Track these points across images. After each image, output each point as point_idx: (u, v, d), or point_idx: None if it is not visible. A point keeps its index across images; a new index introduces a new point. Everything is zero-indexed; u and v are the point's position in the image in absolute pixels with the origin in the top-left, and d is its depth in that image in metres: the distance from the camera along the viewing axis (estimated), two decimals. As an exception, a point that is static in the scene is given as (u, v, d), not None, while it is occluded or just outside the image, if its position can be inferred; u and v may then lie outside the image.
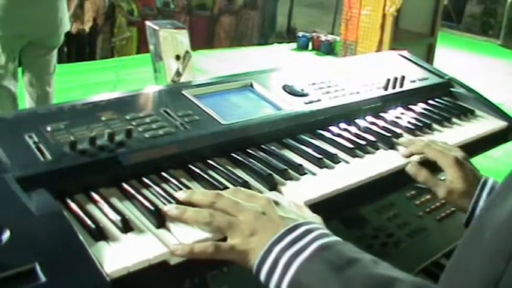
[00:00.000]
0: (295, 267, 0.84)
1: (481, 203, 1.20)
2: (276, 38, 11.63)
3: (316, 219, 0.98)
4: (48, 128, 1.13)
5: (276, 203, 0.98)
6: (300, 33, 8.84)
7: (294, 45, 8.80)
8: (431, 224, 1.54)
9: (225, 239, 0.94)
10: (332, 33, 9.59)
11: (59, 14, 3.53)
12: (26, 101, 3.74)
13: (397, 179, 1.32)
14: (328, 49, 8.19)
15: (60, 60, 8.20)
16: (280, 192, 1.13)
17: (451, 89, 1.87)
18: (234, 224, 0.92)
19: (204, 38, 9.75)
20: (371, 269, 0.80)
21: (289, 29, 12.72)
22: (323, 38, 8.46)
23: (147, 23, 1.62)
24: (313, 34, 8.71)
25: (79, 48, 9.41)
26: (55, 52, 3.86)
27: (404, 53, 2.05)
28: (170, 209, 0.98)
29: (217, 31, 10.97)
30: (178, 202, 1.01)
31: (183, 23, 10.12)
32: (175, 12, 10.45)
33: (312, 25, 11.55)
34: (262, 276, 0.88)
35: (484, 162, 2.11)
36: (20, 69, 3.77)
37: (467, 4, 14.33)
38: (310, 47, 8.56)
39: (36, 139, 1.09)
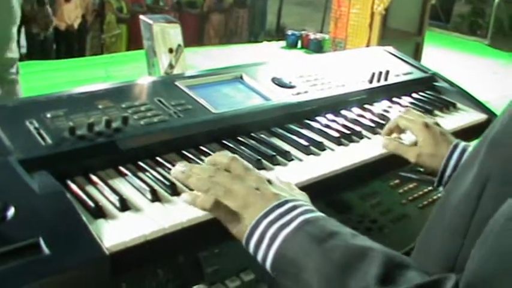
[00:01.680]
0: (280, 240, 0.89)
1: (452, 163, 1.27)
2: (265, 36, 11.67)
3: (303, 197, 1.04)
4: (48, 115, 1.18)
5: (269, 181, 1.03)
6: (290, 32, 8.89)
7: (283, 43, 8.84)
8: (413, 211, 1.60)
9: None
10: (321, 32, 9.65)
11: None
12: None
13: (380, 166, 1.39)
14: (317, 47, 8.23)
15: (49, 57, 8.26)
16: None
17: (435, 83, 1.94)
18: (230, 193, 0.97)
19: (193, 35, 9.78)
20: (349, 241, 0.85)
21: (278, 27, 12.76)
22: (312, 36, 8.51)
23: (141, 17, 1.67)
24: (303, 32, 8.76)
25: (68, 45, 9.41)
26: None
27: (390, 48, 2.12)
28: (176, 172, 1.04)
29: (206, 29, 11.01)
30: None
31: (173, 20, 10.15)
32: (165, 10, 10.49)
33: (302, 23, 11.61)
34: (251, 248, 0.93)
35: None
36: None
37: (455, 4, 14.42)
38: (299, 45, 8.60)
39: (36, 125, 1.15)
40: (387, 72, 1.81)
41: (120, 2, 9.74)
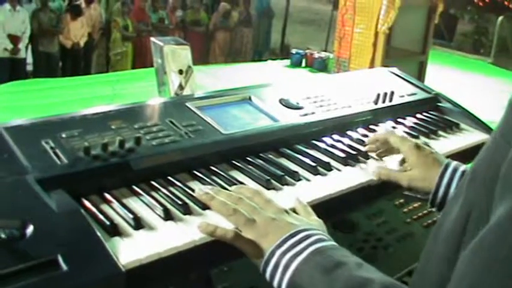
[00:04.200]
0: (292, 269, 0.94)
1: (444, 184, 1.28)
2: (270, 55, 11.74)
3: (318, 224, 1.09)
4: (63, 135, 1.22)
5: (287, 211, 1.09)
6: (294, 50, 8.90)
7: (287, 62, 8.86)
8: (418, 230, 1.63)
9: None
10: (325, 50, 9.69)
11: None
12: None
13: (386, 186, 1.42)
14: (322, 66, 8.25)
15: (55, 75, 8.33)
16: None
17: (438, 104, 1.97)
18: (250, 224, 1.03)
19: (198, 54, 9.85)
20: (353, 271, 0.90)
21: (283, 46, 12.85)
22: (316, 55, 8.52)
23: (152, 39, 1.71)
24: (307, 51, 8.80)
25: (74, 63, 9.49)
26: None
27: (394, 69, 2.16)
28: (200, 193, 1.11)
29: (212, 47, 11.09)
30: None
31: (178, 38, 10.22)
32: (170, 29, 10.57)
33: (306, 42, 11.70)
34: (267, 275, 0.98)
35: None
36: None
37: (458, 22, 14.50)
38: (303, 64, 8.62)
39: (52, 145, 1.19)
40: (392, 93, 1.84)
41: (126, 20, 9.82)
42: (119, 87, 6.52)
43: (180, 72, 1.71)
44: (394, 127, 1.73)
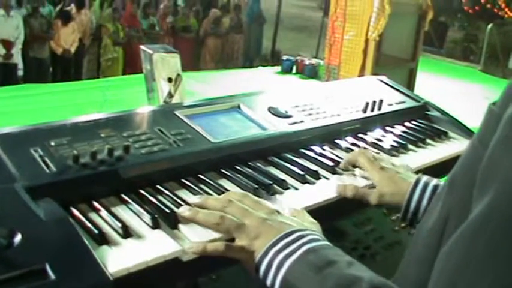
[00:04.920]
0: (285, 268, 0.95)
1: (415, 199, 1.28)
2: (260, 61, 11.76)
3: (313, 225, 1.10)
4: (52, 143, 1.22)
5: (278, 211, 1.10)
6: (285, 57, 8.94)
7: (278, 68, 8.89)
8: (405, 238, 1.64)
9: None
10: (316, 57, 9.73)
11: None
12: None
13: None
14: (312, 73, 8.28)
15: (45, 80, 8.31)
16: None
17: (427, 112, 1.99)
18: (241, 227, 1.04)
19: (189, 60, 9.86)
20: (343, 270, 0.91)
21: (273, 52, 12.89)
22: (307, 61, 8.56)
23: (142, 47, 1.72)
24: (298, 58, 8.83)
25: (64, 69, 9.48)
26: None
27: (383, 78, 2.17)
28: (184, 210, 1.11)
29: (203, 53, 11.11)
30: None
31: (168, 45, 10.24)
32: (160, 35, 10.58)
33: (297, 48, 11.73)
34: (261, 274, 0.99)
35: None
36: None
37: (449, 30, 14.58)
38: (294, 70, 8.66)
39: (41, 153, 1.19)
40: (381, 102, 1.86)
41: (117, 26, 9.82)
42: (109, 93, 6.51)
43: (170, 80, 1.72)
44: (383, 135, 1.74)
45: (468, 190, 0.76)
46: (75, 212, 1.09)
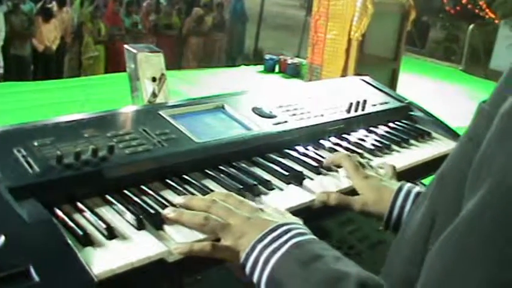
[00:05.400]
0: (271, 264, 0.95)
1: (398, 205, 1.28)
2: (243, 60, 11.75)
3: (296, 220, 1.10)
4: (35, 143, 1.21)
5: (262, 209, 1.10)
6: (267, 56, 8.95)
7: (261, 67, 8.90)
8: (390, 237, 1.65)
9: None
10: (298, 56, 9.75)
11: None
12: None
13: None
14: (295, 72, 8.30)
15: (26, 78, 8.25)
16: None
17: (410, 113, 2.00)
18: (226, 227, 1.04)
19: (171, 58, 9.83)
20: (330, 264, 0.91)
21: (256, 51, 12.89)
22: (290, 61, 8.58)
23: (126, 46, 1.71)
24: (280, 57, 8.84)
25: (46, 67, 9.41)
26: None
27: (367, 78, 2.18)
28: (169, 212, 1.10)
29: (185, 52, 11.08)
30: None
31: (151, 43, 10.21)
32: (143, 33, 10.55)
33: (279, 47, 11.73)
34: (247, 271, 0.99)
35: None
36: None
37: (431, 30, 14.67)
38: (277, 69, 8.67)
39: (24, 153, 1.17)
40: (364, 102, 1.86)
41: (99, 24, 9.77)
42: (90, 91, 6.47)
43: (154, 79, 1.72)
44: (366, 136, 1.75)
45: (458, 186, 0.76)
46: (59, 212, 1.08)
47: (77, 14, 10.18)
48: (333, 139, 1.67)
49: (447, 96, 7.96)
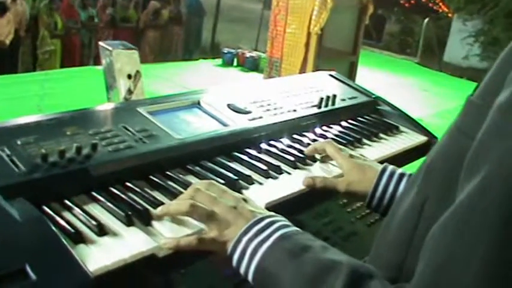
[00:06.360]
0: (259, 255, 0.98)
1: (382, 184, 1.33)
2: (200, 54, 11.72)
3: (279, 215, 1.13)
4: (19, 142, 1.21)
5: (245, 199, 1.13)
6: (225, 50, 8.96)
7: (219, 61, 8.91)
8: (362, 229, 1.70)
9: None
10: (256, 49, 9.79)
11: None
12: None
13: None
14: (253, 66, 8.34)
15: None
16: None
17: (377, 107, 2.05)
18: (211, 216, 1.06)
19: (129, 52, 9.72)
20: (320, 254, 0.94)
21: (213, 45, 12.87)
22: (248, 54, 8.61)
23: (100, 43, 1.71)
24: (239, 50, 8.86)
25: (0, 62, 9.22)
26: None
27: (334, 73, 2.23)
28: (158, 210, 1.13)
29: (142, 46, 10.99)
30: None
31: (107, 36, 10.11)
32: (100, 27, 10.43)
33: (236, 40, 11.73)
34: (234, 263, 1.01)
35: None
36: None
37: (386, 23, 14.86)
38: (235, 63, 8.69)
39: (8, 152, 1.17)
40: (334, 97, 1.91)
41: (55, 17, 9.61)
42: (48, 86, 6.39)
43: (129, 76, 1.73)
44: (339, 130, 1.79)
45: (450, 175, 0.80)
46: (48, 211, 1.09)
47: (29, 7, 9.97)
48: (307, 134, 1.71)
49: (404, 88, 8.11)
